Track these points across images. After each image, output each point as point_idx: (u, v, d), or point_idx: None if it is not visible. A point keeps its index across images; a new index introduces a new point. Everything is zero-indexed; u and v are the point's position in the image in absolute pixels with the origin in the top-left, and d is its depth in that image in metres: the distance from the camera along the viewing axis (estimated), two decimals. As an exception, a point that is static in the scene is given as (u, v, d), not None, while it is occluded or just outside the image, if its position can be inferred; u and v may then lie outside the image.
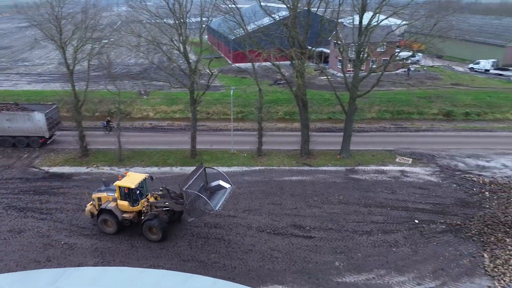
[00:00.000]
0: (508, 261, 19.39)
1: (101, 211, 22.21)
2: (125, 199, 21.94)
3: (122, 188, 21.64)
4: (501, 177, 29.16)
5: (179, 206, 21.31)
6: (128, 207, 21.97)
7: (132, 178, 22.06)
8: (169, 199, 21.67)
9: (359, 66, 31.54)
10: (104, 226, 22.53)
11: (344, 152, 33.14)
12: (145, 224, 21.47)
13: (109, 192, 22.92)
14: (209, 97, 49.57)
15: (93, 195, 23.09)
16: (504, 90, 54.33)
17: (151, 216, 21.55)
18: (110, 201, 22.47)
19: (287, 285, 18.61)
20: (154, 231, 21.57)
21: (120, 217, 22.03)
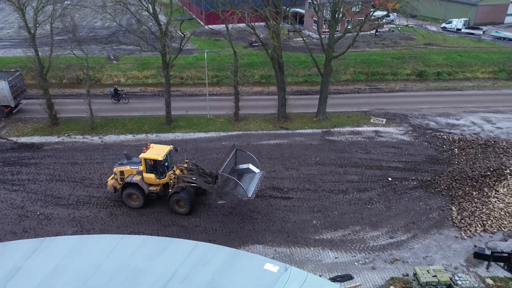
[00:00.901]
0: (474, 212, 20.62)
1: (126, 185, 21.36)
2: (151, 172, 21.26)
3: (148, 160, 21.01)
4: (469, 134, 30.36)
5: (207, 185, 20.66)
6: (155, 180, 21.32)
7: (158, 150, 21.37)
8: (197, 175, 21.07)
9: (334, 26, 31.10)
10: (129, 201, 21.79)
11: (320, 115, 33.40)
12: (172, 197, 20.86)
13: (132, 165, 22.00)
14: (183, 61, 48.09)
15: (114, 169, 22.15)
16: (474, 49, 55.38)
17: (179, 188, 20.84)
18: (134, 174, 21.61)
19: (267, 244, 19.20)
20: (181, 204, 21.04)
21: (146, 191, 21.34)
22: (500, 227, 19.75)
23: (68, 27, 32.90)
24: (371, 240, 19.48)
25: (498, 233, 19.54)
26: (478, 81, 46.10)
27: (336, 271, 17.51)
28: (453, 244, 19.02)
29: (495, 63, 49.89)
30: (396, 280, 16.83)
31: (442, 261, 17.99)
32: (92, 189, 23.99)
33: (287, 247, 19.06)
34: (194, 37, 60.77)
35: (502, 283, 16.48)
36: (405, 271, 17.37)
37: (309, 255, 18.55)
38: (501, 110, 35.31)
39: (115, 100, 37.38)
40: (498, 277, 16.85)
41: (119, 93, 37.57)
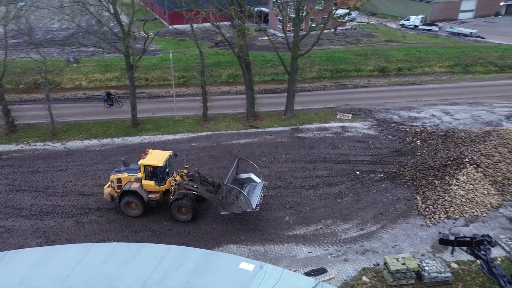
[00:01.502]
0: (437, 201, 21.56)
1: (124, 193, 20.54)
2: (150, 179, 20.51)
3: (147, 167, 20.22)
4: (430, 126, 31.72)
5: (209, 195, 20.09)
6: (155, 187, 20.57)
7: (157, 156, 20.62)
8: (199, 183, 20.47)
9: (299, 25, 31.52)
10: (127, 209, 20.93)
11: (288, 112, 33.76)
12: (174, 204, 20.13)
13: (130, 172, 21.15)
14: (147, 62, 47.12)
15: (111, 177, 21.30)
16: (431, 45, 57.95)
17: (180, 195, 20.14)
18: (132, 181, 20.81)
19: (241, 244, 19.18)
20: (183, 211, 20.36)
21: (146, 198, 20.54)
22: (462, 213, 20.77)
23: (23, 29, 31.34)
24: (342, 233, 19.93)
25: (460, 219, 20.54)
26: (436, 75, 48.27)
27: (310, 266, 17.76)
28: (420, 232, 19.80)
29: (451, 58, 52.46)
30: (367, 270, 17.32)
31: (410, 248, 18.69)
32: (56, 197, 22.98)
33: (261, 245, 19.13)
34: (158, 37, 59.70)
35: (466, 266, 17.36)
36: (376, 261, 17.90)
37: (283, 251, 18.70)
38: (458, 102, 37.16)
39: (108, 105, 35.89)
40: (462, 260, 17.72)
41: (112, 97, 36.15)
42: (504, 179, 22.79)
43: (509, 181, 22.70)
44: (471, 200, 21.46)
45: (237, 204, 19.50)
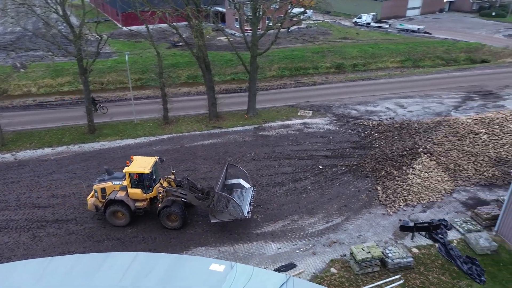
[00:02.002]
0: (396, 190, 22.56)
1: (109, 203, 19.62)
2: (136, 187, 19.65)
3: (133, 174, 19.28)
4: (386, 119, 33.11)
5: (198, 202, 19.54)
6: (141, 195, 19.73)
7: (143, 163, 19.75)
8: (187, 190, 19.78)
9: (256, 24, 31.70)
10: (113, 219, 20.01)
11: (251, 111, 33.88)
12: (163, 211, 19.40)
13: (114, 180, 20.20)
14: (101, 65, 45.46)
15: (94, 186, 20.21)
16: (383, 41, 60.53)
17: (169, 202, 19.47)
18: (118, 190, 19.95)
19: (210, 245, 19.01)
20: (173, 218, 19.66)
21: (133, 207, 19.70)
22: (419, 200, 21.89)
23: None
24: (309, 227, 20.31)
25: (418, 205, 21.64)
26: (389, 70, 50.51)
27: (280, 262, 17.96)
28: (382, 221, 20.63)
29: (402, 53, 55.12)
30: (335, 262, 17.78)
31: (374, 237, 19.41)
32: (9, 212, 21.56)
33: (231, 245, 19.06)
34: (112, 39, 57.65)
35: (425, 250, 18.31)
36: (342, 252, 18.42)
37: (253, 249, 18.76)
38: (410, 95, 39.09)
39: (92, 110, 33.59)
40: (421, 245, 18.68)
41: (95, 102, 34.29)
42: (455, 165, 24.29)
43: (460, 167, 24.23)
44: (427, 187, 22.67)
45: (228, 211, 19.27)
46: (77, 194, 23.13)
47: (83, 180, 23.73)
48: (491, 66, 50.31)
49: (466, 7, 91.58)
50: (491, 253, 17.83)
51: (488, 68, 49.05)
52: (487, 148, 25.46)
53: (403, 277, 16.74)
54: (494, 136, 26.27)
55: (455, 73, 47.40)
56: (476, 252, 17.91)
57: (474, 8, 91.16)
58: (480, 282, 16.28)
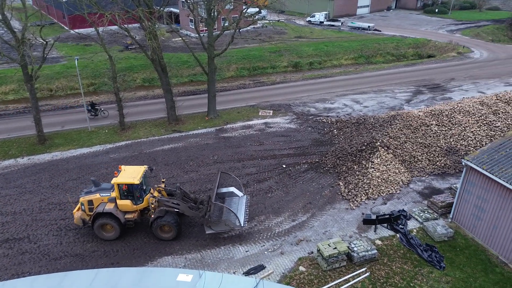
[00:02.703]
0: (357, 184, 23.18)
1: (97, 216, 18.50)
2: (126, 198, 18.66)
3: (121, 185, 18.18)
4: (343, 115, 33.99)
5: (192, 212, 18.85)
6: (131, 207, 18.76)
7: (131, 173, 18.76)
8: (180, 200, 18.95)
9: (211, 24, 31.30)
10: (102, 232, 18.92)
11: (211, 113, 33.42)
12: (155, 222, 18.52)
13: (102, 192, 19.06)
14: (49, 71, 43.04)
15: (81, 199, 19.00)
16: (337, 39, 62.23)
17: (162, 212, 18.60)
18: (106, 202, 18.88)
19: (176, 254, 18.46)
20: (166, 229, 18.82)
21: (122, 219, 18.66)
22: (379, 193, 22.63)
23: None
24: (276, 227, 20.34)
25: (378, 198, 22.36)
26: (344, 67, 52.00)
27: (249, 264, 17.80)
28: (345, 215, 21.10)
29: (355, 50, 56.96)
30: (303, 260, 17.92)
31: (339, 232, 19.80)
32: (-50, 235, 19.69)
33: (197, 251, 18.63)
34: (59, 43, 54.76)
35: (388, 241, 18.94)
36: (309, 249, 18.61)
37: (221, 254, 18.46)
38: (365, 91, 40.45)
39: (92, 115, 32.95)
40: (384, 237, 19.30)
41: (96, 107, 33.29)
42: (410, 157, 25.39)
43: (415, 159, 25.36)
44: (386, 180, 23.50)
45: (224, 222, 18.89)
46: (28, 210, 21.61)
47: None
48: (437, 60, 53.34)
49: (411, 5, 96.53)
50: (448, 239, 18.78)
51: (435, 62, 51.95)
52: (438, 139, 26.86)
53: (368, 269, 17.20)
54: (444, 127, 27.77)
55: (405, 68, 49.73)
56: (434, 240, 18.79)
57: (419, 6, 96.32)
58: (440, 269, 17.08)
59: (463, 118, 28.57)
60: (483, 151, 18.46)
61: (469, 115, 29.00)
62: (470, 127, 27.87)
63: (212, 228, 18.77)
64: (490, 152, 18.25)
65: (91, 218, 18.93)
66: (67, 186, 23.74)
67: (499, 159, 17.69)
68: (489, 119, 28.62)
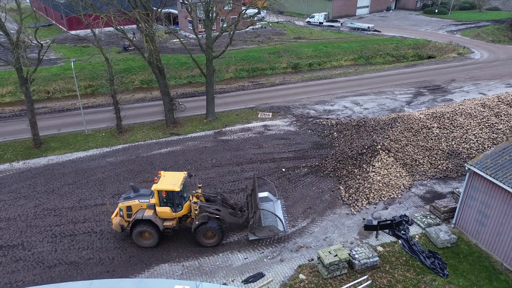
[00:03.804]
0: (358, 188, 22.79)
1: (136, 222, 18.16)
2: (165, 205, 18.27)
3: (161, 192, 17.86)
4: (343, 117, 33.60)
5: (232, 219, 18.73)
6: (170, 214, 18.39)
7: (171, 179, 18.34)
8: (220, 206, 18.78)
9: (210, 26, 30.91)
10: (140, 239, 18.53)
11: (210, 116, 33.02)
12: (200, 228, 18.20)
13: (141, 198, 18.74)
14: (46, 73, 42.67)
15: (120, 204, 18.69)
16: (336, 40, 61.86)
17: (205, 218, 18.26)
18: (145, 209, 18.54)
19: (173, 261, 18.05)
20: (209, 235, 18.55)
21: (161, 227, 18.30)
22: (381, 197, 22.25)
23: None
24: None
25: (380, 203, 21.97)
26: (343, 69, 51.62)
27: (248, 272, 17.40)
28: (346, 221, 20.70)
29: (354, 51, 56.59)
30: (303, 267, 17.52)
31: (339, 238, 19.40)
32: None
33: (195, 259, 18.22)
34: (57, 45, 54.40)
35: (390, 248, 18.56)
36: (310, 256, 18.21)
37: (219, 262, 18.05)
38: (365, 93, 40.07)
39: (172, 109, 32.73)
40: (386, 243, 18.91)
41: (174, 102, 33.64)
42: (412, 161, 25.01)
43: (416, 162, 24.99)
44: (387, 184, 23.12)
45: (269, 228, 18.68)
46: (23, 216, 21.20)
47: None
48: (437, 61, 52.99)
49: (411, 5, 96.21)
50: (451, 246, 18.40)
51: (435, 63, 51.60)
52: (440, 142, 26.49)
53: (370, 277, 16.80)
54: (446, 130, 27.40)
55: (405, 69, 49.36)
56: (437, 246, 18.40)
57: (418, 6, 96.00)
58: (443, 276, 16.70)
59: (465, 121, 28.21)
60: (487, 156, 18.08)
61: (471, 117, 28.64)
62: (472, 129, 27.49)
63: (256, 234, 18.59)
64: (493, 157, 17.87)
65: (129, 225, 18.63)
66: (62, 191, 23.33)
67: (503, 163, 17.31)
68: (491, 121, 28.26)
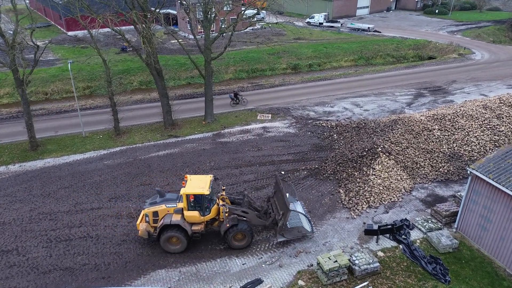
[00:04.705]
0: (358, 192, 22.45)
1: (164, 228, 17.92)
2: (194, 209, 18.10)
3: (188, 196, 17.73)
4: (343, 119, 33.27)
5: (259, 221, 18.81)
6: (199, 218, 18.21)
7: (199, 182, 18.25)
8: (246, 208, 18.79)
9: (208, 27, 30.59)
10: (168, 245, 18.26)
11: (208, 117, 32.70)
12: (230, 231, 18.11)
13: (167, 203, 18.56)
14: (44, 74, 42.39)
15: (145, 210, 18.51)
16: (336, 41, 61.51)
17: (235, 220, 18.25)
18: (172, 213, 18.33)
19: (170, 267, 17.72)
20: (239, 237, 18.48)
21: (189, 231, 18.11)
22: (381, 201, 21.91)
23: None
24: (274, 238, 19.57)
25: (380, 206, 21.64)
26: (344, 70, 51.28)
27: (246, 278, 17.07)
28: (346, 225, 20.36)
29: (354, 52, 56.26)
30: (302, 273, 17.19)
31: (339, 243, 19.07)
32: None
33: (192, 264, 17.90)
34: (56, 45, 54.09)
35: (390, 253, 18.22)
36: (309, 262, 17.87)
37: (216, 267, 17.72)
38: (365, 94, 39.73)
39: (234, 103, 36.62)
40: (386, 248, 18.57)
41: (238, 96, 36.79)
42: (412, 163, 24.67)
43: (417, 165, 24.64)
44: (388, 187, 22.77)
45: (297, 229, 18.99)
46: (18, 220, 20.88)
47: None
48: (438, 62, 52.65)
49: (411, 5, 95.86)
50: (453, 251, 18.07)
51: (436, 64, 51.26)
52: (441, 144, 26.14)
53: (370, 283, 16.47)
54: (447, 132, 27.05)
55: (406, 70, 49.02)
56: (439, 251, 18.07)
57: (419, 6, 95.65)
58: (445, 282, 16.36)
59: (466, 123, 27.87)
60: (489, 159, 17.75)
61: (472, 119, 28.30)
62: (474, 131, 27.16)
63: (284, 235, 18.64)
64: (496, 160, 17.54)
65: (155, 230, 18.38)
66: (59, 195, 23.01)
67: (506, 167, 16.97)
68: (493, 123, 27.92)
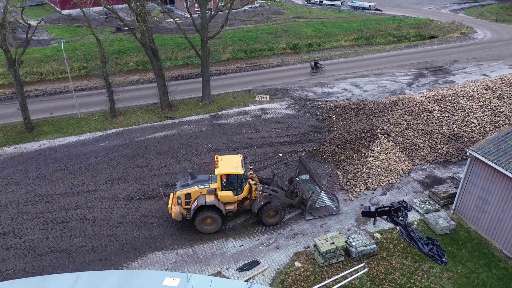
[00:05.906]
0: (356, 174, 22.30)
1: (199, 209, 17.99)
2: (227, 189, 18.33)
3: (221, 176, 18.02)
4: (343, 100, 32.83)
5: (287, 200, 19.32)
6: (233, 197, 18.47)
7: (231, 162, 18.50)
8: (275, 187, 19.31)
9: (205, 5, 29.77)
10: (203, 226, 18.39)
11: (206, 99, 32.24)
12: (264, 209, 18.40)
13: (200, 185, 18.54)
14: (38, 54, 41.60)
15: (177, 193, 18.49)
16: (336, 20, 60.24)
17: (267, 198, 18.60)
18: (204, 194, 18.39)
19: (167, 249, 17.74)
20: (272, 214, 18.84)
21: (224, 211, 18.36)
22: (379, 183, 21.78)
23: None
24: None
25: (378, 188, 21.53)
26: (344, 49, 50.38)
27: (243, 260, 17.11)
28: (344, 206, 20.29)
29: (355, 31, 55.19)
30: (299, 255, 17.21)
31: (336, 225, 19.05)
32: None
33: (189, 246, 17.91)
34: (50, 24, 52.96)
35: (387, 234, 18.22)
36: (306, 244, 17.88)
37: (214, 249, 17.74)
38: (365, 74, 39.12)
39: (313, 72, 38.86)
40: (383, 229, 18.56)
41: (318, 65, 39.02)
42: (412, 145, 24.45)
43: (416, 146, 24.42)
44: (386, 169, 22.61)
45: (325, 208, 19.93)
46: (14, 202, 20.78)
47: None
48: (440, 41, 51.70)
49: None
50: (450, 232, 18.06)
51: (437, 44, 50.34)
52: (441, 125, 25.85)
53: (367, 265, 16.51)
54: (447, 113, 26.72)
55: (407, 49, 48.16)
56: (436, 233, 18.06)
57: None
58: (442, 263, 16.40)
59: (467, 103, 27.49)
60: (489, 141, 17.50)
61: (473, 100, 27.90)
62: (474, 112, 26.83)
63: (313, 214, 19.46)
64: (496, 142, 17.29)
65: (188, 212, 18.44)
66: (54, 177, 22.86)
67: (506, 149, 16.75)
68: (494, 104, 27.55)
